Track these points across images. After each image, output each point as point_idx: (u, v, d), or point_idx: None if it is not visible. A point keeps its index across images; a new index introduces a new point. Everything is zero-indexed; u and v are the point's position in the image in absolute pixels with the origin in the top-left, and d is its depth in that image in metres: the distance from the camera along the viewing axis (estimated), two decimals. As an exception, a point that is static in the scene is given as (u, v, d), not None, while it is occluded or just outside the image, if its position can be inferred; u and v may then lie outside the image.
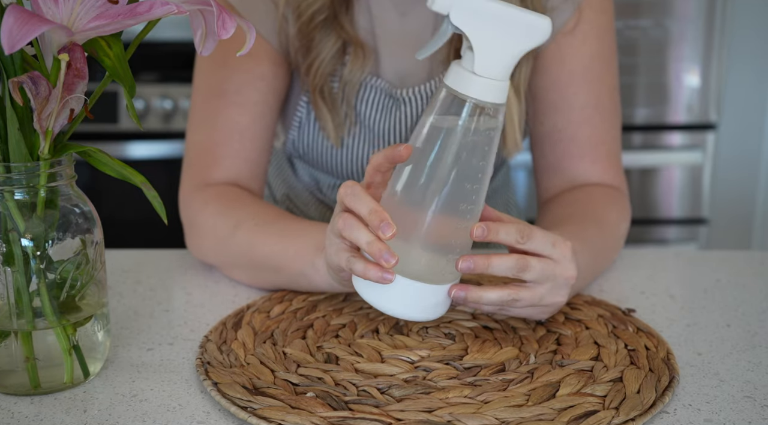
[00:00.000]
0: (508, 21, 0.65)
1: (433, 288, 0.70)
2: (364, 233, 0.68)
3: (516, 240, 0.70)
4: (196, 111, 0.99)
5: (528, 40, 0.66)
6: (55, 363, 0.69)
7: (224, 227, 0.90)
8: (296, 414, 0.63)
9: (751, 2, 2.21)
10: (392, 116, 1.02)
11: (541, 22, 0.65)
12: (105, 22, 0.60)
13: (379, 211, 0.67)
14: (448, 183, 0.68)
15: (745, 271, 0.97)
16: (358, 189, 0.69)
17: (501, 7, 0.65)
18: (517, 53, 0.66)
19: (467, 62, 0.66)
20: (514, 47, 0.66)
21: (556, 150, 0.99)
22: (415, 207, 0.68)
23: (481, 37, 0.65)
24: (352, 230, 0.69)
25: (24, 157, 0.65)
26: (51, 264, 0.67)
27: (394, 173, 0.70)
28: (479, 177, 0.68)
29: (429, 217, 0.68)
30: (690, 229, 2.31)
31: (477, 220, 0.70)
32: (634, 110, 2.22)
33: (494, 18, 0.65)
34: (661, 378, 0.69)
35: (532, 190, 1.76)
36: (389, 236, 0.66)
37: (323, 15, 0.96)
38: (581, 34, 0.97)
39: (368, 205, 0.68)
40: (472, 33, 0.65)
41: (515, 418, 0.63)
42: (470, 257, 0.69)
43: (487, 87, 0.66)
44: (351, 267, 0.70)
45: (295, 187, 1.16)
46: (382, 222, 0.66)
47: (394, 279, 0.68)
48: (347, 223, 0.69)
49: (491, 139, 0.68)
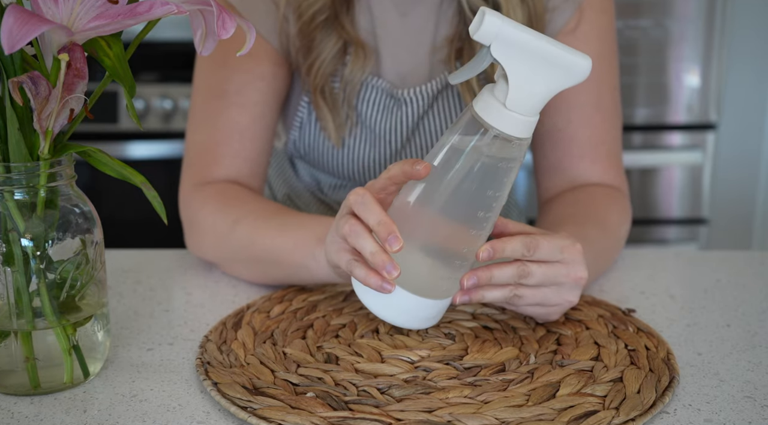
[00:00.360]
0: (549, 59, 0.63)
1: (432, 302, 0.71)
2: (370, 243, 0.68)
3: (523, 254, 0.71)
4: (197, 111, 0.99)
5: (565, 79, 0.64)
6: (55, 363, 0.69)
7: (224, 223, 0.90)
8: (296, 414, 0.63)
9: (751, 2, 2.21)
10: (393, 116, 1.02)
11: (581, 62, 0.64)
12: (105, 22, 0.60)
13: (388, 223, 0.67)
14: (460, 208, 0.68)
15: (745, 271, 0.97)
16: (368, 198, 0.69)
17: (543, 44, 0.63)
18: (552, 92, 0.64)
19: (500, 93, 0.64)
20: (549, 86, 0.64)
21: (556, 150, 0.99)
22: (423, 225, 0.69)
23: (519, 72, 0.63)
24: (358, 238, 0.69)
25: (24, 157, 0.65)
26: (51, 264, 0.67)
27: (408, 185, 0.70)
28: (493, 206, 0.68)
29: (437, 237, 0.69)
30: (690, 229, 2.31)
31: (484, 242, 0.70)
32: (634, 110, 2.22)
33: (535, 55, 0.63)
34: (661, 378, 0.69)
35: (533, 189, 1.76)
36: (396, 250, 0.66)
37: (324, 15, 0.96)
38: (582, 35, 0.97)
39: (377, 216, 0.68)
40: (511, 68, 0.63)
41: (515, 418, 0.63)
42: (473, 273, 0.70)
43: (515, 122, 0.64)
44: (351, 271, 0.70)
45: (296, 187, 1.16)
46: (390, 235, 0.66)
47: (393, 290, 0.68)
48: (353, 229, 0.69)
49: (510, 170, 0.67)
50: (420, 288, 0.70)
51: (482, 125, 0.65)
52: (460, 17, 0.98)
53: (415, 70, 1.01)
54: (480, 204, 0.67)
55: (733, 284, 0.93)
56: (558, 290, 0.74)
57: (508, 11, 0.93)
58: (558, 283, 0.74)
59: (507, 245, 0.70)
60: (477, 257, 0.69)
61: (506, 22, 0.62)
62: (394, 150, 1.04)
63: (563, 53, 0.63)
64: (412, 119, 1.02)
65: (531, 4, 0.94)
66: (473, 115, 0.65)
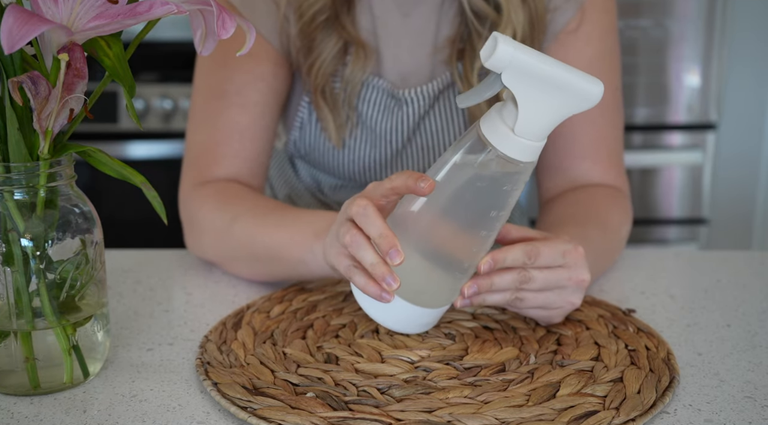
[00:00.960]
0: (561, 87, 0.62)
1: (431, 310, 0.72)
2: (371, 254, 0.68)
3: (524, 262, 0.71)
4: (197, 111, 0.99)
5: (577, 106, 0.63)
6: (54, 363, 0.69)
7: (222, 221, 0.90)
8: (296, 414, 0.63)
9: (751, 2, 2.21)
10: (394, 117, 1.02)
11: (592, 88, 0.63)
12: (105, 22, 0.60)
13: (390, 237, 0.67)
14: (462, 226, 0.68)
15: (745, 271, 0.97)
16: (370, 211, 0.68)
17: (556, 71, 0.62)
18: (563, 117, 0.64)
19: (508, 117, 0.63)
20: (560, 112, 0.63)
21: (557, 150, 0.99)
22: (424, 238, 0.69)
23: (530, 100, 0.62)
24: (359, 248, 0.69)
25: (24, 157, 0.65)
26: (51, 264, 0.67)
27: (410, 196, 0.69)
28: (495, 226, 0.68)
29: (438, 252, 0.69)
30: (690, 229, 2.31)
31: (485, 253, 0.70)
32: (634, 110, 2.22)
33: (547, 83, 0.62)
34: (661, 378, 0.69)
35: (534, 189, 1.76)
36: (397, 264, 0.66)
37: (325, 15, 0.96)
38: (584, 35, 0.97)
39: (379, 229, 0.67)
40: (521, 95, 0.62)
41: (515, 418, 0.63)
42: (473, 281, 0.70)
43: (523, 147, 0.64)
44: (351, 277, 0.70)
45: (296, 188, 1.16)
46: (391, 249, 0.66)
47: (392, 300, 0.69)
48: (354, 240, 0.69)
49: (515, 191, 0.67)
50: (419, 298, 0.71)
51: (489, 147, 0.64)
52: (462, 18, 0.98)
53: (416, 71, 1.01)
54: (483, 224, 0.67)
55: (733, 284, 0.93)
56: (560, 293, 0.74)
57: (509, 12, 0.93)
58: (560, 286, 0.74)
59: (508, 254, 0.70)
60: (478, 269, 0.70)
61: (519, 49, 0.61)
62: (394, 150, 1.04)
63: (575, 80, 0.62)
64: (413, 119, 1.02)
65: (532, 5, 0.94)
66: (480, 135, 0.65)
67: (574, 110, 0.63)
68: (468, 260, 0.69)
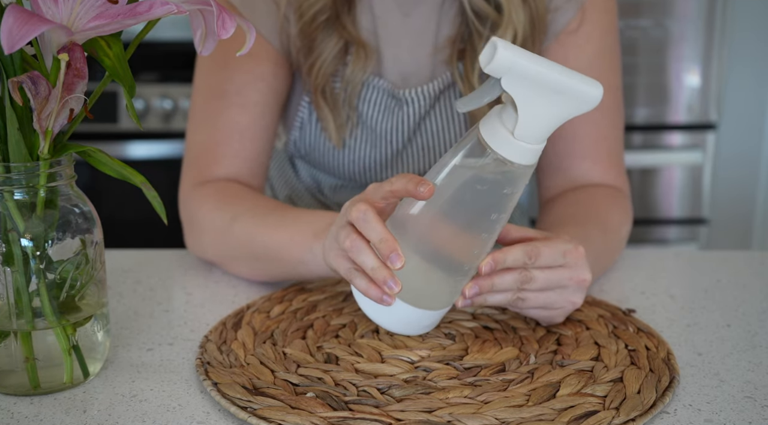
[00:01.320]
0: (561, 90, 0.62)
1: (431, 312, 0.72)
2: (371, 259, 0.68)
3: (524, 263, 0.71)
4: (197, 111, 0.99)
5: (576, 108, 0.63)
6: (54, 363, 0.69)
7: (222, 220, 0.90)
8: (296, 415, 0.63)
9: (751, 2, 2.21)
10: (394, 117, 1.02)
11: (592, 91, 0.63)
12: (105, 22, 0.60)
13: (390, 241, 0.67)
14: (462, 229, 0.68)
15: (745, 271, 0.97)
16: (370, 215, 0.68)
17: (555, 76, 0.62)
18: (562, 120, 0.64)
19: (508, 120, 0.63)
20: (559, 115, 0.63)
21: (557, 150, 0.99)
22: (424, 241, 0.69)
23: (529, 104, 0.62)
24: (359, 253, 0.69)
25: (24, 157, 0.65)
26: (51, 264, 0.67)
27: (409, 199, 0.69)
28: (495, 228, 0.68)
29: (438, 254, 0.69)
30: (690, 229, 2.31)
31: (486, 255, 0.70)
32: (634, 109, 2.22)
33: (546, 87, 0.62)
34: (661, 378, 0.69)
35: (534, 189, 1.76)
36: (398, 268, 0.66)
37: (325, 15, 0.96)
38: (584, 34, 0.97)
39: (379, 234, 0.67)
40: (521, 99, 0.62)
41: (515, 418, 0.63)
42: (474, 282, 0.70)
43: (523, 151, 0.64)
44: (351, 280, 0.70)
45: (296, 188, 1.16)
46: (392, 253, 0.66)
47: (393, 303, 0.69)
48: (354, 245, 0.69)
49: (514, 194, 0.67)
50: (419, 301, 0.71)
51: (488, 150, 0.64)
52: (462, 18, 0.98)
53: (416, 71, 1.01)
54: (483, 226, 0.67)
55: (733, 284, 0.93)
56: (562, 293, 0.74)
57: (510, 12, 0.93)
58: (561, 286, 0.74)
59: (508, 255, 0.70)
60: (479, 270, 0.70)
61: (518, 54, 0.61)
62: (395, 150, 1.04)
63: (574, 83, 0.62)
64: (414, 119, 1.02)
65: (533, 5, 0.94)
66: (480, 138, 0.65)
67: (574, 112, 0.63)
68: (468, 262, 0.70)
